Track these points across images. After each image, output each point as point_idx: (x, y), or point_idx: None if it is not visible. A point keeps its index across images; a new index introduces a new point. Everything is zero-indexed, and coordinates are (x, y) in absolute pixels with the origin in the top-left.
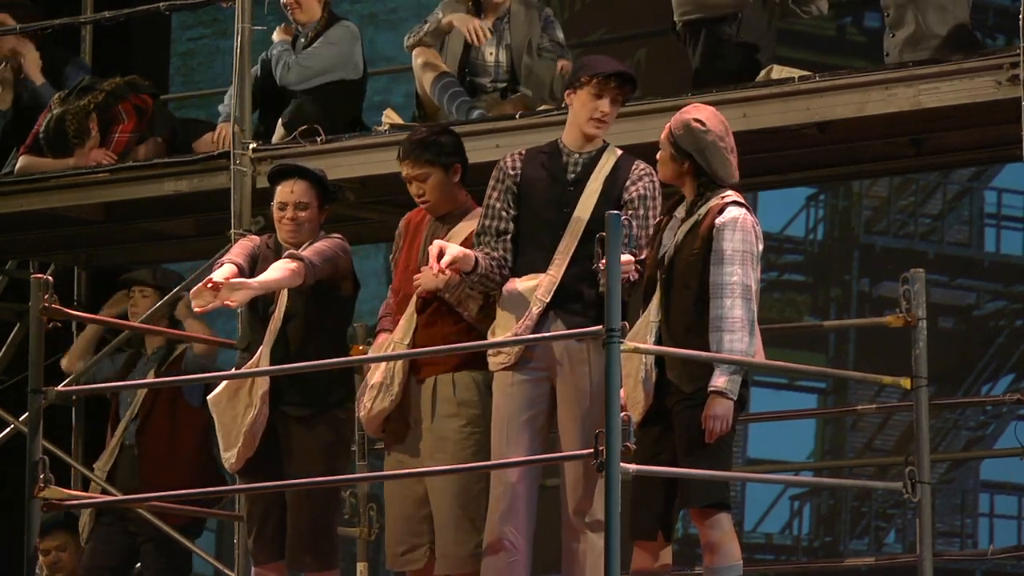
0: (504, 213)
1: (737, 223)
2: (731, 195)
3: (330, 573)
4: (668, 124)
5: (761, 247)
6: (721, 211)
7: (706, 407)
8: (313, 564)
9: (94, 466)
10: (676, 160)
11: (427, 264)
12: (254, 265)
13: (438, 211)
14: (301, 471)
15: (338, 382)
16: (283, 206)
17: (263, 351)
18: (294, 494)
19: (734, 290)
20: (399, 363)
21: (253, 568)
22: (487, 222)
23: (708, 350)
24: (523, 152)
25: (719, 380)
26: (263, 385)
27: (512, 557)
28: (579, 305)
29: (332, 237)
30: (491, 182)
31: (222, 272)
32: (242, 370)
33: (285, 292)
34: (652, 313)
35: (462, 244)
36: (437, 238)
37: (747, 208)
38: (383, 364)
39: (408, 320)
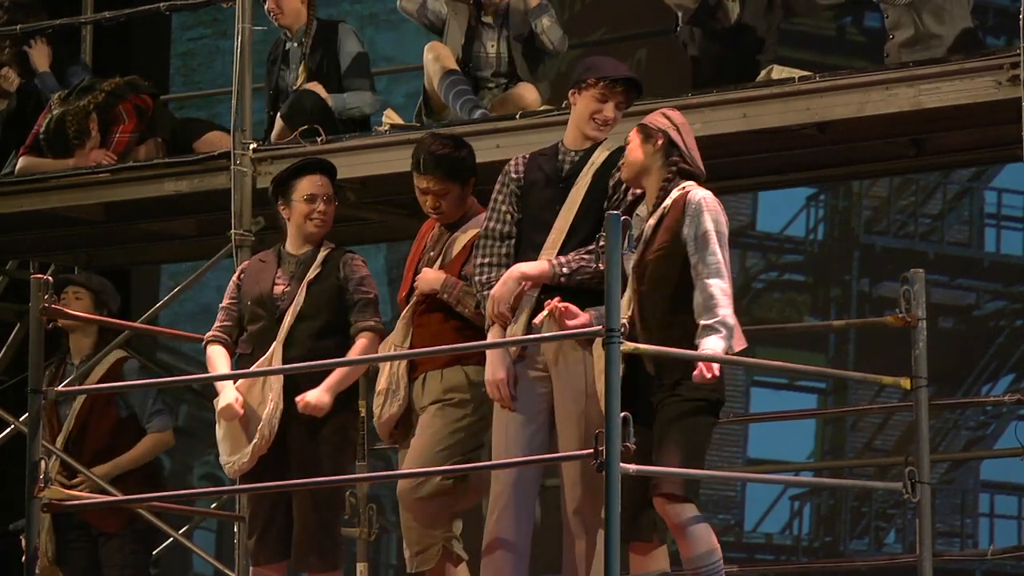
0: (508, 216)
1: (705, 204)
2: (692, 185)
3: (334, 574)
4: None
5: (727, 229)
6: (687, 198)
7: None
8: (318, 564)
9: None
10: (649, 140)
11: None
12: (241, 318)
13: (450, 220)
14: (308, 472)
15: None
16: (313, 198)
17: (275, 349)
18: (300, 495)
19: (708, 270)
20: (401, 366)
21: (252, 568)
22: (491, 224)
23: (688, 341)
24: (528, 156)
25: (710, 345)
26: (277, 382)
27: (509, 555)
28: (569, 300)
29: (356, 261)
30: (497, 185)
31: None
32: (252, 368)
33: (302, 292)
34: (623, 310)
35: (459, 251)
36: (440, 244)
37: (710, 192)
38: (387, 370)
39: (405, 322)
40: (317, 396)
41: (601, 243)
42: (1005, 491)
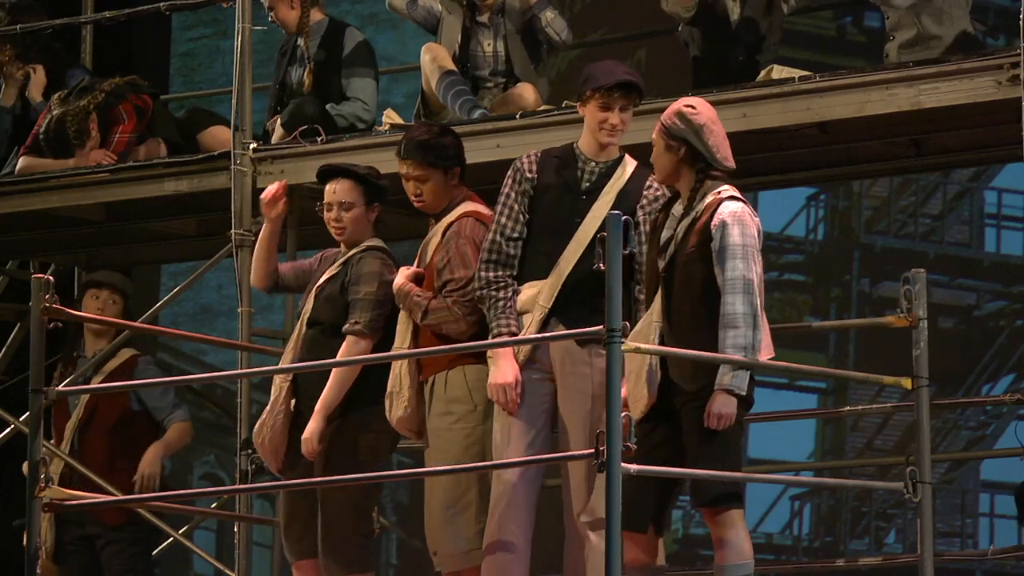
0: (520, 217)
1: (736, 217)
2: (727, 189)
3: None
4: (658, 122)
5: (760, 241)
6: (719, 206)
7: (710, 402)
8: (333, 567)
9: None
10: (671, 149)
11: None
12: (302, 279)
13: (433, 210)
14: (324, 473)
15: (359, 384)
16: (329, 206)
17: (285, 359)
18: (320, 496)
19: (735, 285)
20: (404, 369)
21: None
22: (502, 220)
23: (711, 347)
24: (538, 154)
25: (725, 377)
26: (283, 390)
27: (510, 556)
28: (580, 312)
29: (374, 256)
30: (508, 182)
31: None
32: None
33: (311, 298)
34: (655, 313)
35: (437, 245)
36: (428, 234)
37: (744, 201)
38: (392, 372)
39: (405, 325)
40: (307, 432)
41: None
42: (1005, 491)
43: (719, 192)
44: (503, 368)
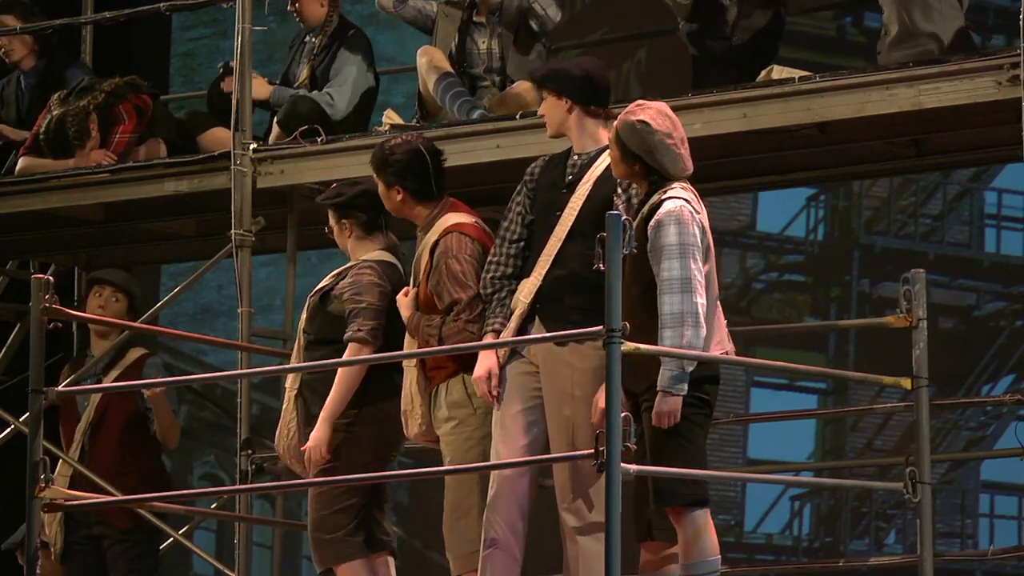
0: (520, 218)
1: (672, 216)
2: (673, 188)
3: (338, 568)
4: (615, 125)
5: (707, 237)
6: (659, 206)
7: (655, 404)
8: (315, 560)
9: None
10: (626, 161)
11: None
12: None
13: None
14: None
15: (361, 390)
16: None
17: (292, 360)
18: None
19: (672, 285)
20: (414, 388)
21: None
22: (504, 223)
23: (654, 343)
24: (548, 157)
25: (664, 378)
26: (291, 399)
27: (492, 549)
28: (559, 309)
29: (368, 268)
30: (518, 186)
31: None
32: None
33: (307, 307)
34: None
35: (425, 265)
36: (417, 249)
37: (686, 200)
38: (403, 392)
39: (410, 343)
40: (313, 440)
41: None
42: (1005, 491)
43: (664, 192)
44: (480, 362)
